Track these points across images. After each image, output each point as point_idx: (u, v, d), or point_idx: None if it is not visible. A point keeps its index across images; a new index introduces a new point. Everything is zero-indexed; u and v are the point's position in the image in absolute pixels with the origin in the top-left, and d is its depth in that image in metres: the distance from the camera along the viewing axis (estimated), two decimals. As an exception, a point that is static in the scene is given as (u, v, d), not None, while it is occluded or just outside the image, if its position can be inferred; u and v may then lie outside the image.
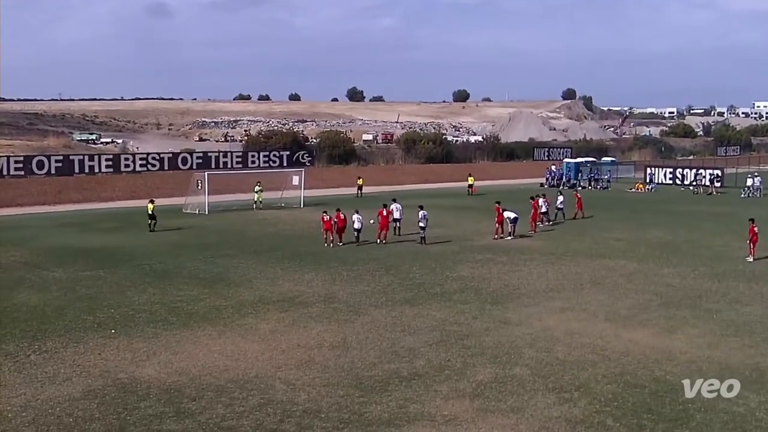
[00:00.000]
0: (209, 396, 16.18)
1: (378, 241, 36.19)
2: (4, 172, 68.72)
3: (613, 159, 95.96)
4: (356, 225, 36.02)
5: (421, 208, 36.85)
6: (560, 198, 45.95)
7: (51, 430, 14.44)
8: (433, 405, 15.70)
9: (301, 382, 17.06)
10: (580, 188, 70.68)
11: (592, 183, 72.89)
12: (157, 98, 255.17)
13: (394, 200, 39.66)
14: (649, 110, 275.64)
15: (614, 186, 72.24)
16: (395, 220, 38.20)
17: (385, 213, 37.11)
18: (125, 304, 24.07)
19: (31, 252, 33.90)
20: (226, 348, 19.62)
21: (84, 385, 16.82)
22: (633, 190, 69.39)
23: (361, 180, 60.88)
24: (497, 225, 37.97)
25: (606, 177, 74.39)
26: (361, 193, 58.78)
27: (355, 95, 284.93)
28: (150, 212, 40.70)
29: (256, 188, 51.62)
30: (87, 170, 73.35)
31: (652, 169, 78.26)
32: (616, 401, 15.88)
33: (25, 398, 16.02)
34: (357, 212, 36.60)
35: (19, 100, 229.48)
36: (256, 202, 51.10)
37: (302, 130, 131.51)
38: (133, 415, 15.19)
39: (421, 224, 36.09)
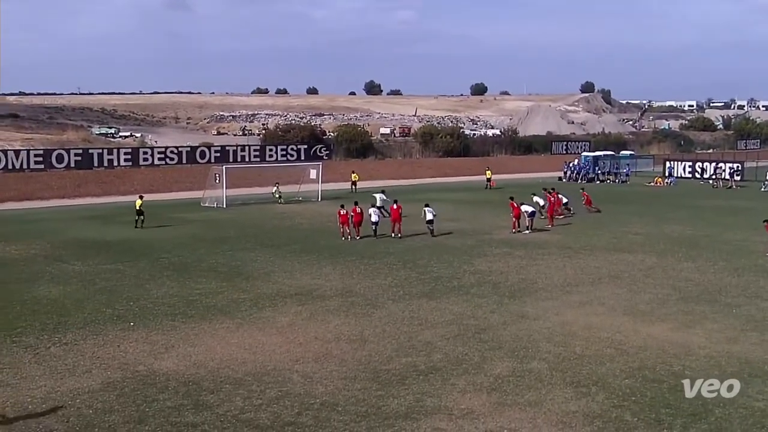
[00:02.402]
0: (227, 388, 16.26)
1: (393, 234, 36.20)
2: (25, 166, 69.19)
3: (632, 152, 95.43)
4: (373, 218, 36.14)
5: (427, 206, 37.08)
6: (537, 199, 41.91)
7: (71, 422, 14.55)
8: (451, 398, 15.70)
9: (319, 375, 17.11)
10: (598, 182, 70.63)
11: (611, 177, 72.60)
12: (175, 92, 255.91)
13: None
14: (668, 103, 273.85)
15: (633, 180, 71.89)
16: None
17: (395, 207, 37.05)
18: (144, 297, 24.22)
19: (51, 245, 34.15)
20: (244, 341, 19.70)
21: (103, 377, 16.95)
22: (652, 184, 69.02)
23: (355, 175, 60.52)
24: (514, 219, 37.92)
25: (625, 171, 74.09)
26: (356, 189, 58.54)
27: (372, 89, 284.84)
28: (138, 208, 39.67)
29: (274, 189, 51.30)
30: (106, 164, 73.69)
31: (672, 162, 77.74)
32: (635, 396, 15.82)
33: (46, 390, 16.15)
34: (373, 206, 36.64)
35: (39, 94, 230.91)
36: (277, 198, 50.76)
37: (320, 124, 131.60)
38: (151, 407, 15.28)
39: (428, 217, 36.33)
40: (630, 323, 21.31)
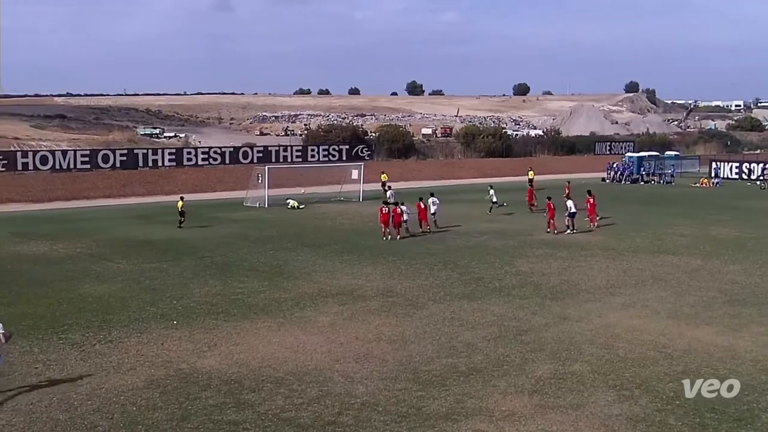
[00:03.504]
0: (268, 387, 16.35)
1: (421, 230, 37.26)
2: (72, 166, 70.23)
3: (677, 153, 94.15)
4: (404, 217, 36.46)
5: (432, 195, 39.75)
6: (569, 203, 38.53)
7: (115, 419, 14.75)
8: (492, 400, 15.63)
9: (359, 375, 17.14)
10: (642, 183, 69.86)
11: (655, 178, 71.73)
12: (219, 93, 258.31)
13: (432, 194, 40.39)
14: (714, 103, 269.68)
15: (678, 181, 70.94)
16: (432, 214, 39.26)
17: (422, 206, 38.23)
18: (187, 296, 24.47)
19: (97, 244, 34.65)
20: (285, 340, 19.80)
21: (147, 375, 17.15)
22: (698, 185, 68.01)
23: (384, 176, 60.28)
24: (550, 219, 37.69)
25: (669, 171, 73.13)
26: (385, 189, 58.23)
27: (414, 89, 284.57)
28: (180, 209, 39.84)
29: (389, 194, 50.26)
30: (151, 164, 74.51)
31: (718, 163, 76.46)
32: (678, 399, 15.60)
33: (91, 387, 16.40)
34: (403, 204, 37.12)
35: (86, 95, 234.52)
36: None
37: (361, 124, 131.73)
38: (194, 404, 15.43)
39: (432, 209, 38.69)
40: (674, 326, 21.03)
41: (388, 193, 45.82)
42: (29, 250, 32.81)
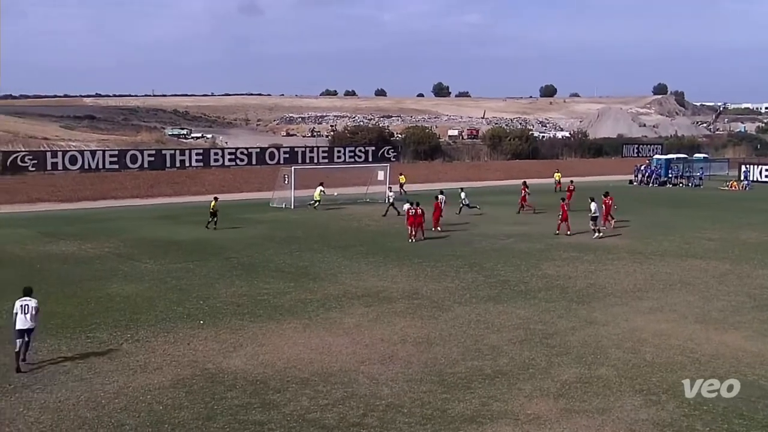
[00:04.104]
0: (294, 388, 16.40)
1: (434, 228, 38.07)
2: (100, 166, 70.91)
3: (706, 156, 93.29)
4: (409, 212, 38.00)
5: (441, 192, 42.04)
6: (593, 206, 37.71)
7: (142, 417, 14.86)
8: (517, 403, 15.57)
9: (384, 376, 17.14)
10: (670, 186, 69.30)
11: (683, 180, 71.11)
12: (246, 94, 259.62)
13: (441, 192, 42.28)
14: (744, 105, 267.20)
15: (707, 184, 70.25)
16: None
17: (441, 205, 39.62)
18: (213, 296, 24.60)
19: (125, 243, 34.91)
20: (310, 341, 19.85)
21: (173, 374, 17.27)
22: (726, 188, 67.35)
23: (403, 177, 60.17)
24: (560, 222, 37.62)
25: (698, 174, 72.43)
26: (404, 191, 58.24)
27: (440, 91, 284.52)
28: (212, 209, 39.51)
29: (319, 189, 50.33)
30: (178, 164, 75.06)
31: (747, 166, 75.64)
32: (706, 405, 15.46)
33: (118, 385, 16.53)
34: (408, 201, 38.26)
35: (114, 96, 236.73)
36: (315, 201, 50.01)
37: (387, 126, 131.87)
38: (220, 404, 15.51)
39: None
40: (702, 331, 20.85)
41: (388, 194, 47.22)
42: (58, 250, 33.13)
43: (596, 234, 36.77)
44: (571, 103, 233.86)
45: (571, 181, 48.07)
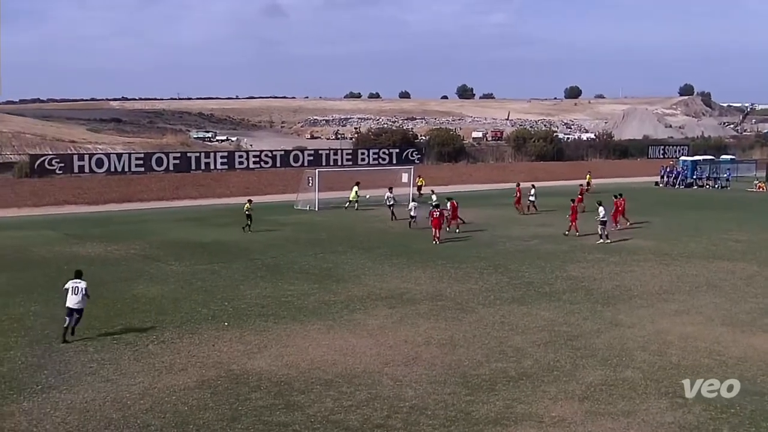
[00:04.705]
0: (318, 389, 16.44)
1: (448, 228, 38.38)
2: (126, 169, 71.34)
3: (733, 157, 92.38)
4: (412, 213, 40.37)
5: (432, 192, 44.02)
6: (601, 210, 36.68)
7: (167, 418, 14.95)
8: (541, 406, 15.51)
9: (408, 378, 17.13)
10: (696, 187, 68.71)
11: (710, 182, 70.47)
12: (270, 97, 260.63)
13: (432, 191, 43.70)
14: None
15: (734, 185, 69.55)
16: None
17: (455, 204, 39.95)
18: (238, 298, 24.71)
19: (150, 245, 35.14)
20: (334, 342, 19.88)
21: (198, 376, 17.36)
22: (754, 189, 66.65)
23: (421, 180, 59.91)
24: (572, 223, 37.64)
25: (725, 175, 71.74)
26: (421, 193, 58.05)
27: (465, 93, 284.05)
28: (246, 211, 39.45)
29: (355, 189, 50.59)
30: (203, 167, 75.31)
31: (775, 167, 74.82)
32: (733, 408, 15.31)
33: (143, 386, 16.65)
34: (413, 200, 40.33)
35: (140, 99, 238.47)
36: (351, 201, 50.44)
37: (412, 128, 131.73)
38: (244, 405, 15.58)
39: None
40: (729, 333, 20.66)
41: (386, 195, 46.34)
42: (84, 251, 33.40)
43: (600, 240, 35.45)
44: (596, 104, 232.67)
45: (581, 185, 47.66)
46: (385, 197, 46.28)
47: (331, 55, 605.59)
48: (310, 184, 50.73)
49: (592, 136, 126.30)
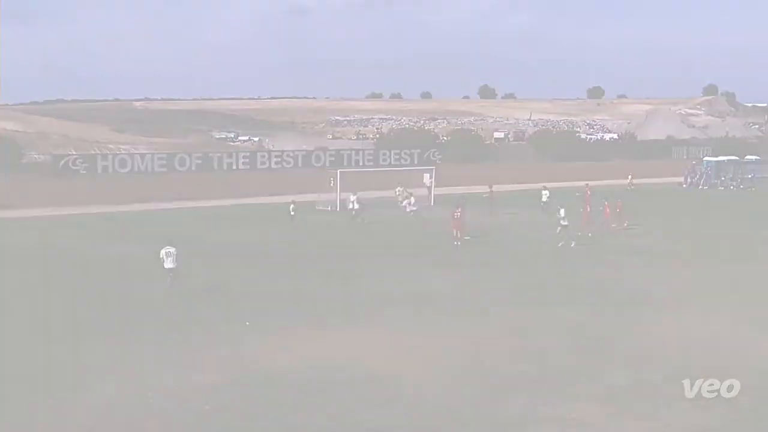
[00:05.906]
0: (339, 389, 16.45)
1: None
2: (149, 169, 71.79)
3: (758, 157, 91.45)
4: (408, 209, 42.84)
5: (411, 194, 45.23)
6: (562, 211, 35.60)
7: (189, 417, 15.01)
8: (563, 407, 15.44)
9: (430, 378, 17.12)
10: (721, 188, 68.12)
11: (734, 182, 69.82)
12: (292, 97, 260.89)
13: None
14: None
15: (759, 186, 68.85)
16: None
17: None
18: (259, 297, 24.77)
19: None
20: (356, 342, 19.90)
21: (220, 375, 17.42)
22: (779, 190, 65.89)
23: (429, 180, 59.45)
24: (583, 223, 37.62)
25: (750, 176, 71.06)
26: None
27: (486, 93, 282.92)
28: (291, 212, 41.65)
29: (398, 190, 50.08)
30: (225, 167, 75.62)
31: (802, 168, 73.93)
32: (757, 411, 15.17)
33: (166, 386, 16.73)
34: (411, 196, 42.37)
35: (163, 99, 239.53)
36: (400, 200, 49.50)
37: (433, 128, 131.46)
38: (266, 405, 15.63)
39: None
40: (754, 335, 20.47)
41: (351, 198, 44.31)
42: (107, 251, 33.59)
43: (561, 243, 34.24)
44: (619, 104, 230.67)
45: (587, 184, 47.16)
46: (351, 200, 43.86)
47: (352, 56, 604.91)
48: (332, 185, 50.75)
49: (615, 136, 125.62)
